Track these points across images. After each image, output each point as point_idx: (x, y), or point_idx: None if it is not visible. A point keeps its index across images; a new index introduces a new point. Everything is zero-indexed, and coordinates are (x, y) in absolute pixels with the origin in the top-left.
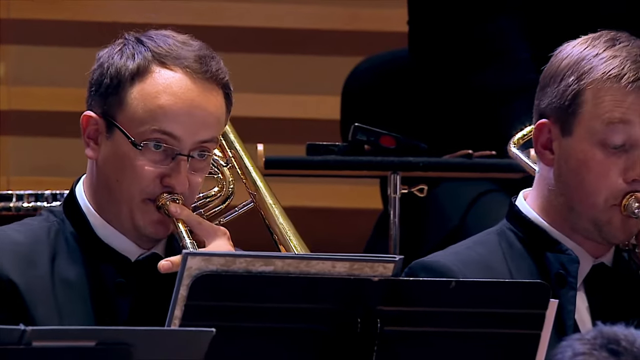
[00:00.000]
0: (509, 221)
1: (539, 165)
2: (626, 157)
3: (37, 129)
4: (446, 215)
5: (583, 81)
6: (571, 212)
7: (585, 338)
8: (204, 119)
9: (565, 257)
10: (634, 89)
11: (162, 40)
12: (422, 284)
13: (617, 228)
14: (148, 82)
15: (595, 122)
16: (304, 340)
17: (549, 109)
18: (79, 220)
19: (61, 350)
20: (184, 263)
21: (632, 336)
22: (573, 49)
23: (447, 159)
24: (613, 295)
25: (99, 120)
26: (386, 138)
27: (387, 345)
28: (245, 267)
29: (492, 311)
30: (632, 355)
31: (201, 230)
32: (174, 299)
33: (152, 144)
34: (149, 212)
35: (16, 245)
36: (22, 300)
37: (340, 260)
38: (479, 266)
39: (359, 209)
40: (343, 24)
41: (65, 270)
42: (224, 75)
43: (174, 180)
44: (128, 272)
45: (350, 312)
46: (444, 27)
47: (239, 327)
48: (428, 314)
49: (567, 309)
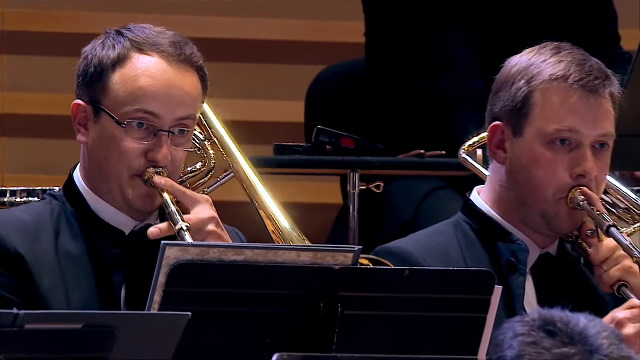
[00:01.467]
0: (464, 214)
1: (491, 163)
2: (572, 155)
3: (30, 131)
4: (400, 209)
5: (532, 83)
6: (521, 206)
7: (525, 320)
8: (181, 98)
9: (515, 247)
10: (579, 88)
11: (140, 31)
12: (379, 272)
13: (564, 219)
14: (128, 67)
15: (544, 123)
16: (272, 324)
17: (502, 112)
18: (78, 200)
19: (51, 332)
20: (163, 253)
21: (567, 318)
22: (522, 58)
23: (402, 159)
24: (557, 281)
25: (87, 108)
26: (346, 139)
27: (348, 328)
28: (218, 256)
29: (443, 297)
30: (566, 336)
31: (185, 198)
32: (153, 286)
33: (135, 122)
34: (137, 186)
35: (23, 224)
36: (29, 271)
37: (304, 251)
38: (437, 253)
39: (322, 203)
40: (307, 35)
41: (68, 246)
42: (198, 59)
43: (157, 154)
44: (123, 244)
45: (313, 298)
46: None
47: (212, 311)
48: (385, 299)
49: (516, 293)
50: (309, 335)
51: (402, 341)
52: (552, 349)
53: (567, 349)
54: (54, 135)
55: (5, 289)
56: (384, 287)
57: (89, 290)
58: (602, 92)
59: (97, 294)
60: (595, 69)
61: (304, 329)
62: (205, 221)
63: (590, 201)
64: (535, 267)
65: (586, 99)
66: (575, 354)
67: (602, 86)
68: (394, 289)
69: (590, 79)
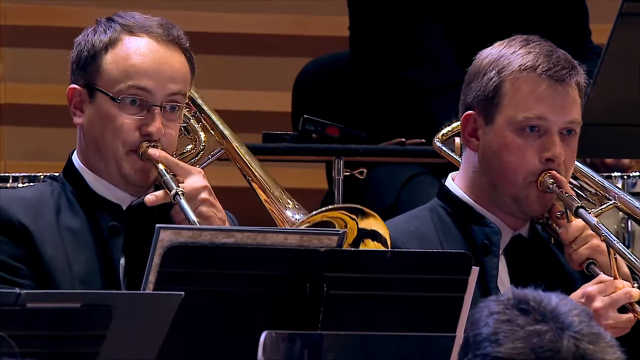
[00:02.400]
0: (439, 199)
1: (465, 150)
2: (541, 141)
3: (29, 120)
4: (382, 194)
5: (503, 74)
6: (494, 190)
7: (500, 299)
8: (171, 74)
9: (488, 230)
10: (547, 77)
11: (129, 16)
12: (362, 254)
13: (535, 202)
14: (119, 48)
15: (514, 111)
16: (261, 303)
17: (474, 101)
18: (76, 179)
19: (51, 310)
20: (157, 235)
21: (540, 297)
22: (492, 50)
23: (383, 146)
24: (529, 261)
25: (82, 91)
26: (331, 128)
27: (332, 306)
28: (210, 239)
29: (422, 277)
30: (539, 313)
31: (178, 169)
32: (148, 266)
33: (128, 99)
34: (133, 161)
35: (25, 200)
36: (33, 241)
37: (291, 233)
38: (414, 236)
39: (308, 188)
40: (294, 29)
41: (68, 221)
42: (185, 41)
43: (150, 127)
44: (121, 217)
45: (300, 278)
46: (380, 32)
47: (204, 291)
48: (367, 279)
49: (490, 274)
50: (295, 313)
51: (384, 319)
52: (526, 326)
53: (539, 326)
54: (52, 124)
55: (12, 257)
56: (367, 268)
57: (90, 259)
58: (569, 81)
59: (97, 263)
60: (562, 59)
61: (291, 308)
62: (199, 189)
63: (559, 184)
64: (507, 248)
65: (554, 87)
66: (547, 331)
67: (568, 75)
68: (377, 270)
69: (557, 68)
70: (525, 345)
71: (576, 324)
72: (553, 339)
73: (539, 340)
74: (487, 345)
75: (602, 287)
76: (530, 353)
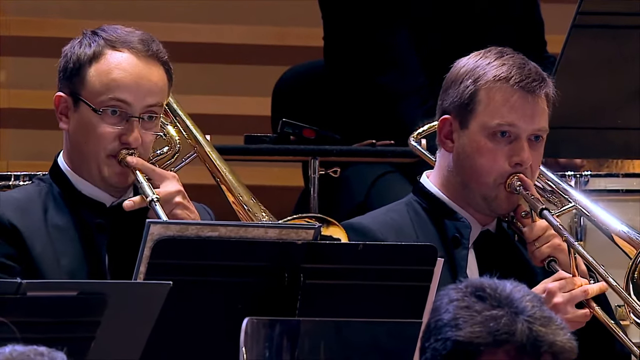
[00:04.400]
0: (414, 194)
1: (440, 151)
2: (510, 146)
3: (29, 123)
4: (354, 191)
5: (478, 83)
6: (465, 189)
7: (459, 287)
8: (149, 87)
9: (460, 224)
10: (519, 89)
11: (112, 30)
12: (337, 247)
13: (503, 202)
14: (102, 62)
15: (487, 118)
16: (243, 291)
17: (451, 107)
18: (62, 180)
19: (50, 298)
20: (147, 229)
21: (495, 284)
22: (469, 60)
23: (356, 147)
24: (495, 255)
25: (67, 99)
26: (307, 130)
27: (309, 295)
28: (196, 233)
29: (391, 268)
30: (494, 300)
31: (154, 175)
32: (139, 258)
33: (109, 110)
34: (112, 165)
35: (15, 200)
36: (23, 240)
37: (271, 227)
38: (392, 228)
39: (286, 186)
40: (273, 40)
41: (55, 219)
42: (164, 54)
43: (129, 137)
44: (104, 214)
45: (279, 269)
46: (351, 40)
47: (191, 281)
48: (341, 270)
49: (460, 264)
50: (275, 301)
51: (356, 307)
52: (483, 311)
53: (495, 311)
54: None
55: (5, 256)
56: (341, 259)
57: (77, 254)
58: (539, 93)
59: (83, 257)
60: (533, 72)
61: (271, 296)
62: (173, 194)
63: (526, 186)
64: (476, 242)
65: (524, 98)
66: (502, 315)
67: (538, 87)
68: (349, 261)
69: (529, 80)
70: (483, 329)
71: (529, 309)
72: (508, 323)
73: (496, 324)
74: (448, 330)
75: (562, 283)
76: (487, 336)
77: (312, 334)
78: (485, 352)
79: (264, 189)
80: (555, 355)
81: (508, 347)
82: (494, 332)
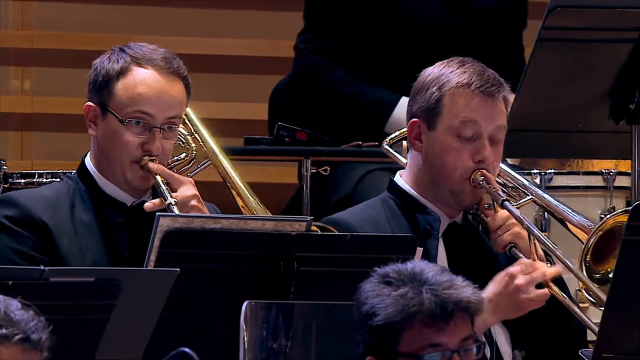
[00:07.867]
0: (389, 192)
1: (410, 152)
2: (474, 145)
3: (52, 126)
4: (342, 187)
5: (443, 89)
6: (434, 185)
7: (370, 280)
8: (170, 101)
9: (430, 217)
10: (479, 93)
11: (138, 48)
12: (327, 237)
13: (468, 195)
14: (129, 78)
15: (452, 120)
16: (243, 278)
17: (419, 111)
18: (88, 180)
19: (70, 284)
20: (157, 222)
21: (398, 267)
22: (434, 69)
23: (344, 148)
24: (462, 244)
25: (96, 108)
26: (301, 133)
27: (302, 281)
28: (200, 225)
29: (376, 256)
30: (399, 280)
31: (173, 180)
32: (149, 248)
33: (134, 121)
34: (135, 170)
35: (45, 198)
36: (51, 235)
37: (268, 220)
38: (369, 222)
39: (282, 183)
40: (269, 52)
41: (81, 215)
42: (184, 71)
43: (151, 146)
44: (125, 213)
45: (275, 257)
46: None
47: (196, 268)
48: (331, 258)
49: (431, 254)
50: (271, 286)
51: (345, 291)
52: (391, 293)
53: (401, 290)
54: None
55: (34, 249)
56: (330, 248)
57: (99, 249)
58: (497, 96)
59: (105, 252)
60: (491, 78)
61: (268, 282)
62: (189, 197)
63: (488, 181)
64: (445, 233)
65: (485, 101)
66: (408, 291)
67: (497, 91)
68: (338, 250)
69: (488, 85)
70: (395, 309)
71: (430, 277)
72: (414, 296)
73: (404, 300)
74: (369, 319)
75: (523, 267)
76: (401, 313)
77: (305, 315)
78: (406, 328)
79: (261, 185)
80: (465, 310)
81: (421, 317)
82: (405, 308)
